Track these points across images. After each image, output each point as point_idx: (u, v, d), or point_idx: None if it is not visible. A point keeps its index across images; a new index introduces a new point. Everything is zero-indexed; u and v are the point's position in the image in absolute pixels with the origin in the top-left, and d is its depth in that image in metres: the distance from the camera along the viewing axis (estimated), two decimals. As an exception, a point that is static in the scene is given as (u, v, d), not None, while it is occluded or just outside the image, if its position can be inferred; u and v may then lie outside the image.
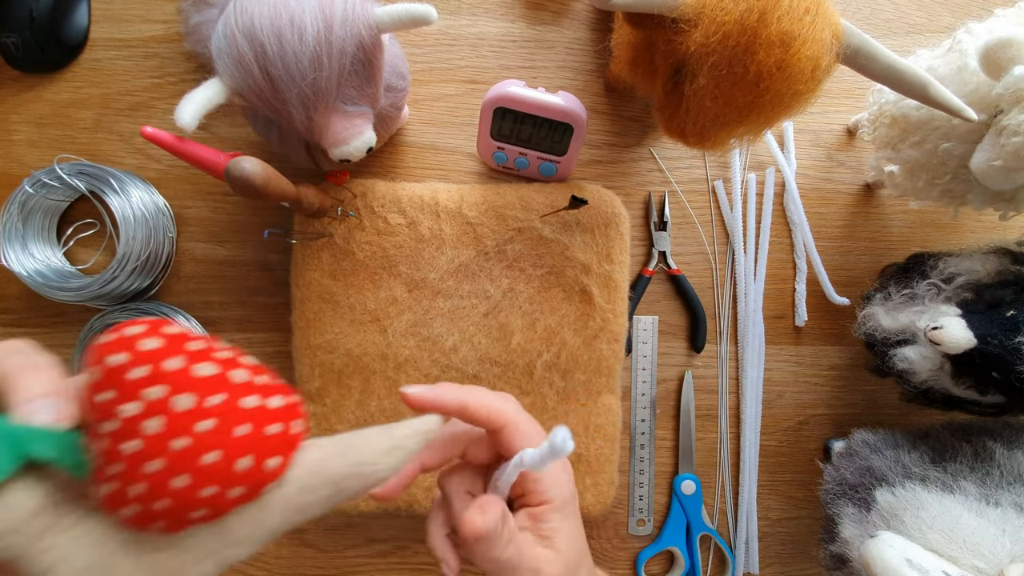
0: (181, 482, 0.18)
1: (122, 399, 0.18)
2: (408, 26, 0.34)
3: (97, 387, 0.19)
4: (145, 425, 0.18)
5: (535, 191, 0.46)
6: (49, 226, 0.46)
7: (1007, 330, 0.34)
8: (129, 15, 0.48)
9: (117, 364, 0.18)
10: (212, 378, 0.20)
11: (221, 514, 0.20)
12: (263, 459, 0.20)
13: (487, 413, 0.28)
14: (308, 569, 0.49)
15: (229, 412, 0.20)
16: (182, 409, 0.19)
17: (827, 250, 0.51)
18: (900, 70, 0.32)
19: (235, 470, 0.19)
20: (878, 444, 0.42)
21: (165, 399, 0.19)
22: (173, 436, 0.18)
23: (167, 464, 0.18)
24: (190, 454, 0.19)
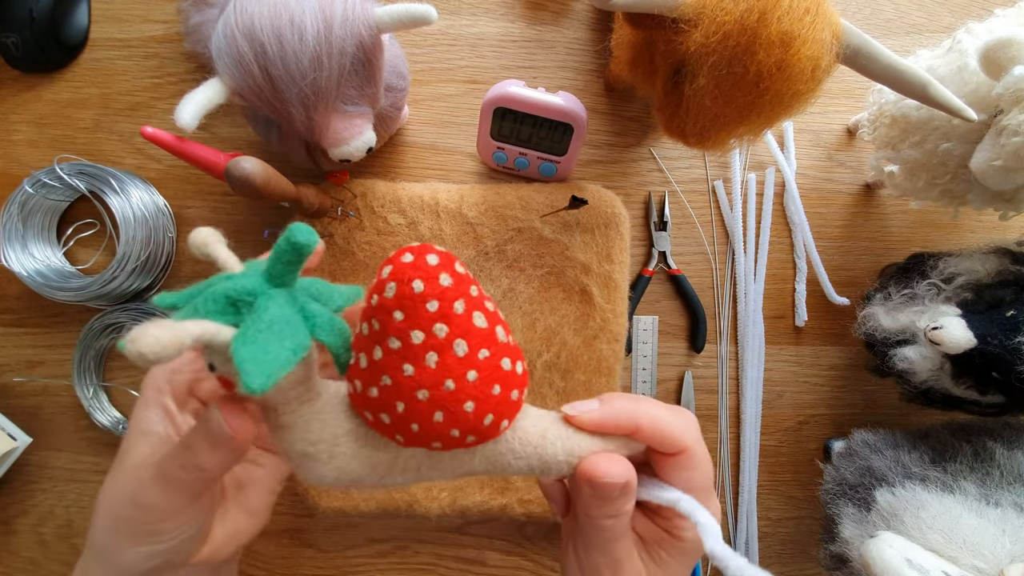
0: (438, 417, 0.20)
1: (412, 325, 0.20)
2: (408, 26, 0.34)
3: (389, 304, 0.20)
4: (427, 356, 0.20)
5: (535, 191, 0.46)
6: (49, 226, 0.46)
7: (1007, 330, 0.34)
8: (129, 15, 0.48)
9: (418, 292, 0.20)
10: (484, 331, 0.21)
11: (448, 450, 0.22)
12: (501, 419, 0.22)
13: (663, 436, 0.23)
14: (308, 569, 0.49)
15: (490, 370, 0.21)
16: (460, 354, 0.20)
17: (827, 250, 0.51)
18: (900, 70, 0.32)
19: (480, 423, 0.21)
20: (878, 444, 0.42)
21: (448, 341, 0.20)
22: (446, 376, 0.20)
23: (432, 398, 0.20)
24: (454, 398, 0.20)
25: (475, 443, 0.22)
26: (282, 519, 0.49)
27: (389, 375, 0.20)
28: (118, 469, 0.24)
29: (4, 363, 0.47)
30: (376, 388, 0.21)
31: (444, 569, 0.49)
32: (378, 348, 0.20)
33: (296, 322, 0.20)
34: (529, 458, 0.23)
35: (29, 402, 0.47)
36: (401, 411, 0.20)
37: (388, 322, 0.20)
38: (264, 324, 0.19)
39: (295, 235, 0.20)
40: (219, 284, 0.20)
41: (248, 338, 0.18)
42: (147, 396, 0.24)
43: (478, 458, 0.23)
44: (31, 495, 0.48)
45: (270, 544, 0.49)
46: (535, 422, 0.24)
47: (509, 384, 0.22)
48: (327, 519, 0.48)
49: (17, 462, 0.46)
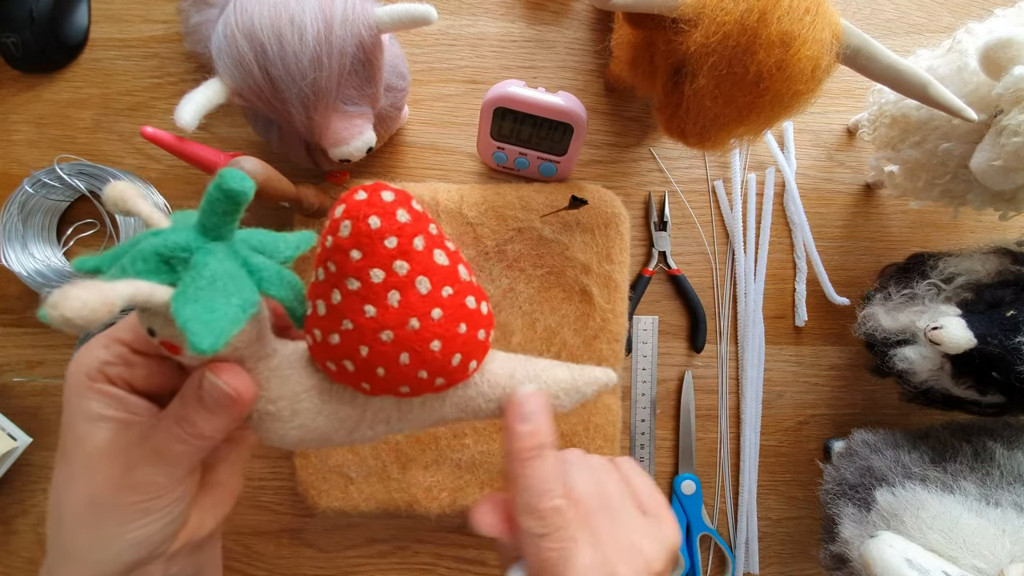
0: (404, 359, 0.20)
1: (371, 263, 0.19)
2: (408, 26, 0.34)
3: (345, 243, 0.19)
4: (389, 296, 0.19)
5: (535, 191, 0.46)
6: (49, 226, 0.46)
7: (1007, 330, 0.34)
8: (129, 15, 0.48)
9: (375, 228, 0.19)
10: (446, 268, 0.20)
11: (416, 395, 0.22)
12: (469, 359, 0.21)
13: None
14: (308, 569, 0.49)
15: (455, 308, 0.20)
16: (422, 292, 0.20)
17: (827, 250, 0.51)
18: (900, 70, 0.32)
19: (448, 363, 0.21)
20: (878, 444, 0.42)
21: (409, 278, 0.19)
22: (410, 315, 0.19)
23: (397, 339, 0.19)
24: (419, 337, 0.20)
25: (444, 386, 0.21)
26: (282, 519, 0.49)
27: (350, 318, 0.19)
28: (74, 462, 0.22)
29: (4, 363, 0.47)
30: (337, 334, 0.20)
31: (444, 569, 0.49)
32: (336, 291, 0.19)
33: (240, 277, 0.19)
34: (500, 400, 0.23)
35: (29, 402, 0.47)
36: (365, 355, 0.19)
37: (345, 262, 0.19)
38: (205, 280, 0.17)
39: (227, 181, 0.18)
40: (147, 241, 0.18)
41: (189, 296, 0.17)
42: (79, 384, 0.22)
43: (448, 404, 0.23)
44: (31, 495, 0.48)
45: (270, 544, 0.49)
46: (503, 364, 0.23)
47: (475, 323, 0.21)
48: (327, 519, 0.48)
49: (17, 462, 0.46)
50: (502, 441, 0.45)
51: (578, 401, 0.24)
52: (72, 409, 0.22)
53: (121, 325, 0.23)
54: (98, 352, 0.23)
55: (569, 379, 0.24)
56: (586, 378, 0.24)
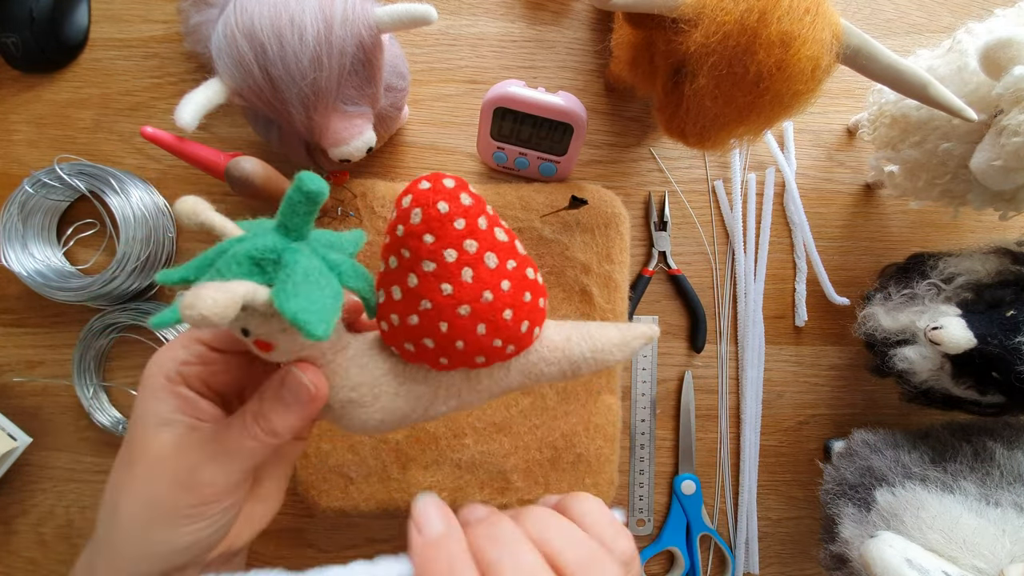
0: (481, 329, 0.21)
1: (444, 245, 0.20)
2: (408, 26, 0.34)
3: (418, 229, 0.20)
4: (463, 273, 0.21)
5: (535, 191, 0.46)
6: (49, 226, 0.46)
7: (1007, 330, 0.34)
8: (129, 15, 0.48)
9: (444, 213, 0.20)
10: (506, 244, 0.22)
11: (490, 364, 0.23)
12: (534, 325, 0.23)
13: None
14: (308, 569, 0.49)
15: (520, 278, 0.22)
16: (491, 267, 0.21)
17: (827, 250, 0.51)
18: (900, 70, 0.32)
19: (518, 330, 0.22)
20: (878, 444, 0.42)
21: (479, 255, 0.21)
22: (483, 288, 0.21)
23: (473, 312, 0.21)
24: (493, 308, 0.21)
25: (514, 353, 0.23)
26: (282, 519, 0.49)
27: (429, 298, 0.21)
28: (138, 462, 0.23)
29: (4, 363, 0.47)
30: (416, 315, 0.21)
31: (444, 569, 0.49)
32: (412, 275, 0.21)
33: (326, 271, 0.21)
34: (560, 362, 0.24)
35: (29, 402, 0.47)
36: (445, 331, 0.21)
37: (419, 247, 0.20)
38: (300, 276, 0.19)
39: (306, 183, 0.20)
40: (236, 247, 0.20)
41: (290, 292, 0.18)
42: (154, 386, 0.23)
43: (513, 371, 0.24)
44: (31, 495, 0.48)
45: (270, 544, 0.49)
46: (557, 330, 0.25)
47: (536, 292, 0.23)
48: (327, 519, 0.48)
49: (17, 462, 0.46)
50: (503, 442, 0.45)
51: (629, 355, 0.25)
52: (145, 410, 0.23)
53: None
54: (178, 352, 0.24)
55: (619, 336, 0.25)
56: (634, 333, 0.25)
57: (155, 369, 0.24)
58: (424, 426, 0.44)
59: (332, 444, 0.44)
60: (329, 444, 0.44)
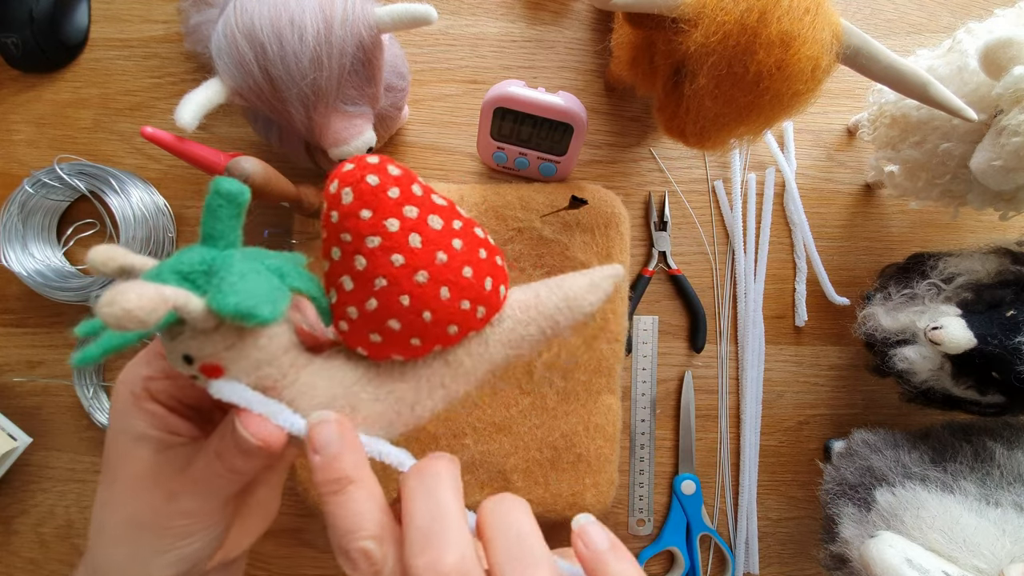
0: (444, 293, 0.20)
1: (384, 215, 0.19)
2: (408, 26, 0.34)
3: (352, 208, 0.19)
4: (410, 239, 0.20)
5: (535, 191, 0.46)
6: (49, 226, 0.46)
7: (1007, 330, 0.34)
8: (129, 15, 0.48)
9: (375, 185, 0.19)
10: (446, 208, 0.21)
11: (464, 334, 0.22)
12: (498, 283, 0.22)
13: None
14: (308, 569, 0.49)
15: (470, 237, 0.21)
16: (437, 228, 0.20)
17: (827, 250, 0.51)
18: (900, 70, 0.32)
19: (483, 287, 0.21)
20: (878, 444, 0.42)
21: (421, 219, 0.20)
22: (435, 249, 0.20)
23: (432, 276, 0.20)
24: (450, 268, 0.20)
25: (485, 318, 0.22)
26: (282, 519, 0.49)
27: (382, 274, 0.20)
28: (117, 481, 0.22)
29: (4, 363, 0.47)
30: (373, 297, 0.20)
31: (444, 569, 0.49)
32: (359, 257, 0.20)
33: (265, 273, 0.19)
34: (536, 320, 0.23)
35: (29, 402, 0.47)
36: (408, 304, 0.20)
37: (358, 225, 0.19)
38: (236, 276, 0.17)
39: (221, 184, 0.18)
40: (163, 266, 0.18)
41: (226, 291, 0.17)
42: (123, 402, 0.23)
43: (492, 343, 0.23)
44: (31, 495, 0.48)
45: (270, 544, 0.49)
46: (524, 290, 0.24)
47: (491, 250, 0.22)
48: (327, 519, 0.48)
49: (17, 462, 0.46)
50: (503, 442, 0.45)
51: (602, 297, 0.24)
52: (117, 427, 0.23)
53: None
54: (140, 368, 0.23)
55: (587, 280, 0.24)
56: (601, 273, 0.25)
57: (121, 386, 0.23)
58: (423, 426, 0.44)
59: (332, 444, 0.44)
60: (329, 444, 0.44)
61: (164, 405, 0.23)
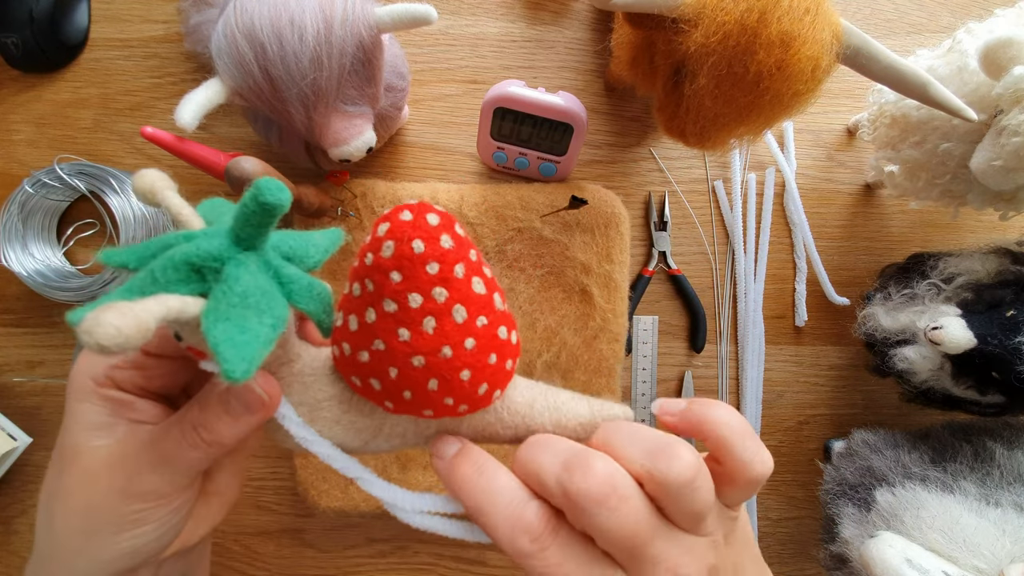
0: (433, 385, 0.19)
1: (410, 288, 0.18)
2: (408, 26, 0.34)
3: (386, 264, 0.18)
4: (425, 322, 0.19)
5: (535, 191, 0.46)
6: (49, 226, 0.46)
7: (1007, 330, 0.34)
8: (129, 15, 0.48)
9: (418, 253, 0.18)
10: (482, 298, 0.20)
11: (437, 418, 0.21)
12: (494, 389, 0.21)
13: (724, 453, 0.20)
14: (308, 569, 0.49)
15: (488, 338, 0.20)
16: (458, 321, 0.19)
17: (827, 250, 0.51)
18: (900, 70, 0.32)
19: (475, 392, 0.20)
20: (878, 444, 0.42)
21: (447, 306, 0.19)
22: (444, 343, 0.19)
23: (428, 365, 0.19)
24: (450, 366, 0.19)
25: (467, 412, 0.21)
26: (282, 519, 0.49)
27: (383, 339, 0.19)
28: (71, 470, 0.21)
29: (4, 363, 0.47)
30: (367, 352, 0.19)
31: (444, 569, 0.49)
32: (371, 310, 0.19)
33: (271, 291, 0.19)
34: (516, 428, 0.23)
35: (29, 402, 0.47)
36: (394, 377, 0.19)
37: (384, 283, 0.19)
38: (237, 297, 0.17)
39: (263, 194, 0.17)
40: (179, 248, 0.18)
41: (220, 314, 0.17)
42: (81, 390, 0.22)
43: (465, 426, 0.22)
44: (31, 495, 0.48)
45: (270, 544, 0.49)
46: (523, 392, 0.23)
47: (504, 353, 0.21)
48: (327, 519, 0.48)
49: (17, 462, 0.46)
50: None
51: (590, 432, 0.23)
52: (73, 415, 0.22)
53: None
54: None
55: (588, 414, 0.23)
56: (605, 413, 0.23)
57: (79, 371, 0.22)
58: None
59: (332, 444, 0.44)
60: (329, 444, 0.44)
61: (129, 392, 0.22)
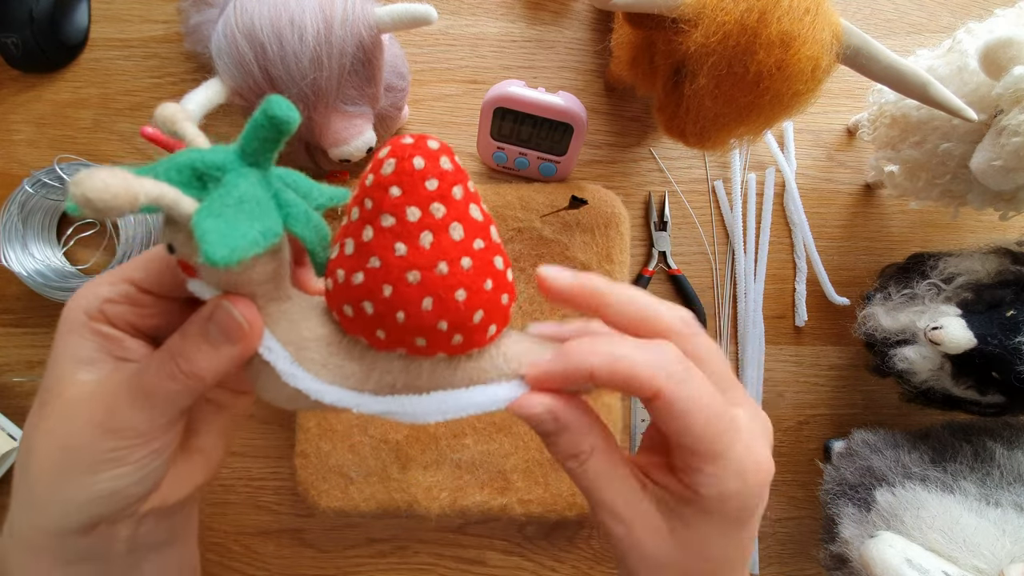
0: (427, 304, 0.19)
1: (409, 201, 0.19)
2: (408, 26, 0.34)
3: (386, 180, 0.19)
4: (422, 236, 0.19)
5: (535, 191, 0.46)
6: (49, 226, 0.46)
7: (1007, 330, 0.34)
8: (129, 15, 0.48)
9: (418, 169, 0.19)
10: (479, 223, 0.20)
11: (431, 353, 0.21)
12: (489, 322, 0.21)
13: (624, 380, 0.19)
14: (308, 569, 0.49)
15: (485, 262, 0.20)
16: (455, 238, 0.19)
17: (827, 250, 0.51)
18: (900, 70, 0.32)
19: (470, 318, 0.20)
20: (878, 444, 0.42)
21: (444, 222, 0.19)
22: (440, 258, 0.19)
23: (423, 281, 0.19)
24: (446, 283, 0.19)
25: (460, 347, 0.20)
26: (282, 519, 0.49)
27: (379, 255, 0.19)
28: (53, 405, 0.21)
29: (4, 363, 0.47)
30: (362, 272, 0.19)
31: (444, 569, 0.49)
32: (368, 228, 0.19)
33: (268, 205, 0.19)
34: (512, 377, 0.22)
35: (29, 402, 0.47)
36: (388, 295, 0.19)
37: (383, 199, 0.19)
38: (232, 200, 0.17)
39: (273, 107, 0.18)
40: (186, 152, 0.18)
41: (213, 211, 0.17)
42: (72, 322, 0.21)
43: (459, 374, 0.21)
44: (31, 495, 0.48)
45: (270, 544, 0.49)
46: (518, 341, 0.22)
47: (500, 284, 0.21)
48: (327, 519, 0.48)
49: (17, 462, 0.46)
50: (503, 442, 0.45)
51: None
52: (62, 348, 0.21)
53: (131, 263, 0.22)
54: (101, 289, 0.22)
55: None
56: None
57: (73, 304, 0.21)
58: (423, 426, 0.44)
59: (332, 444, 0.44)
60: (329, 444, 0.44)
61: (120, 330, 0.22)
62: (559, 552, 0.50)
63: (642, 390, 0.19)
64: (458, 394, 0.21)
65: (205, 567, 0.48)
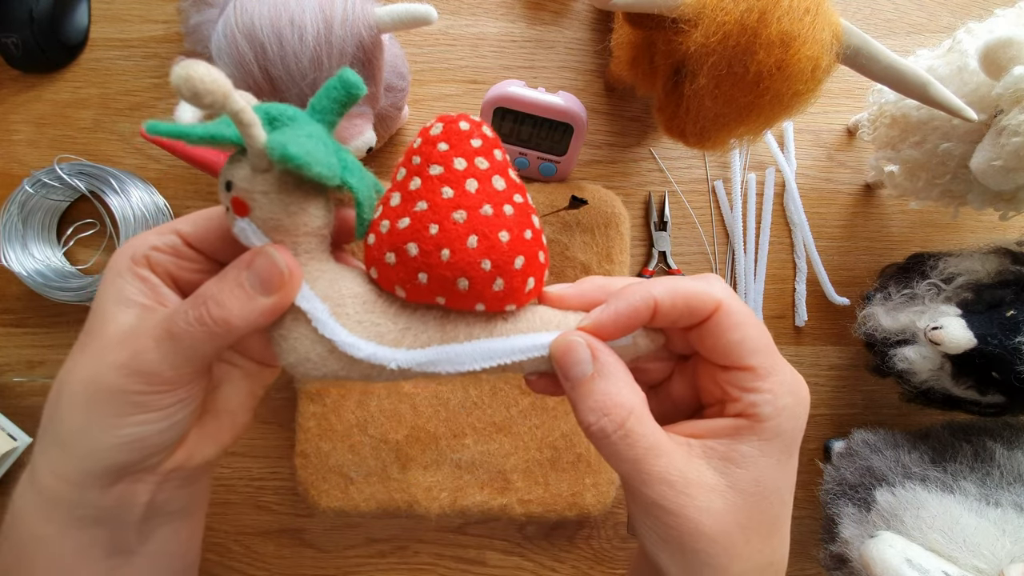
0: (472, 242, 0.20)
1: (456, 153, 0.21)
2: (408, 26, 0.34)
3: (434, 138, 0.21)
4: (468, 182, 0.21)
5: (535, 191, 0.46)
6: (49, 226, 0.46)
7: (1007, 330, 0.34)
8: (129, 15, 0.48)
9: (464, 129, 0.21)
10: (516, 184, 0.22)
11: (470, 303, 0.21)
12: (528, 272, 0.21)
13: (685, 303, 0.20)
14: (308, 569, 0.49)
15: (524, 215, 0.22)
16: (498, 188, 0.21)
17: (827, 250, 0.51)
18: (900, 70, 0.32)
19: (512, 263, 0.21)
20: (878, 444, 0.42)
21: (488, 173, 0.21)
22: (485, 201, 0.20)
23: (469, 219, 0.20)
24: (490, 223, 0.20)
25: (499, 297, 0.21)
26: (282, 519, 0.49)
27: (426, 199, 0.20)
28: (95, 341, 0.21)
29: (4, 363, 0.47)
30: (408, 217, 0.20)
31: (444, 569, 0.49)
32: (416, 179, 0.21)
33: (332, 150, 0.20)
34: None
35: (29, 402, 0.47)
36: (435, 233, 0.20)
37: (431, 153, 0.21)
38: (304, 133, 0.19)
39: (347, 74, 0.20)
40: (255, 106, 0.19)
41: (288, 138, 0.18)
42: (119, 266, 0.22)
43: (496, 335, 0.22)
44: (31, 495, 0.48)
45: (270, 544, 0.49)
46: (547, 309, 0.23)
47: (537, 239, 0.22)
48: (327, 519, 0.48)
49: (17, 462, 0.46)
50: (503, 442, 0.45)
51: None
52: (106, 289, 0.22)
53: (183, 218, 0.23)
54: (149, 237, 0.22)
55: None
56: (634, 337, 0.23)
57: (122, 250, 0.22)
58: (424, 426, 0.44)
59: (332, 444, 0.44)
60: (329, 444, 0.44)
61: (160, 278, 0.22)
62: (559, 552, 0.50)
63: (703, 307, 0.20)
64: (499, 340, 0.22)
65: (205, 567, 0.48)
